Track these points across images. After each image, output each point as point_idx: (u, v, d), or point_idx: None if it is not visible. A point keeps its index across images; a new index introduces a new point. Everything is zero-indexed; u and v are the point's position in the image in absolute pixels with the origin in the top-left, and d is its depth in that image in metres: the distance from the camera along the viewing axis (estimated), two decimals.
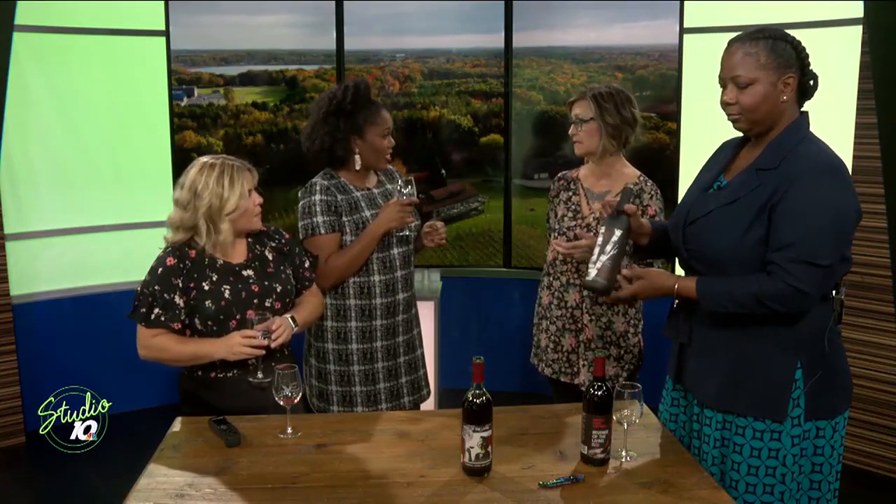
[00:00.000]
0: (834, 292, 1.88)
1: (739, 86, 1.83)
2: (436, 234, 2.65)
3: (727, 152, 2.01)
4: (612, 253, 1.77)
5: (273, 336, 2.13)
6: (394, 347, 2.63)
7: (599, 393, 1.79)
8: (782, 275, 1.75)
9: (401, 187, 2.50)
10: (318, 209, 2.50)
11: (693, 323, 1.95)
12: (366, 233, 2.50)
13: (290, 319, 2.20)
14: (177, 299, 2.14)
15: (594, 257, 1.77)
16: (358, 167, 2.55)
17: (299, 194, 2.57)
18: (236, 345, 2.10)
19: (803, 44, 1.86)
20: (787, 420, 1.83)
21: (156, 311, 2.13)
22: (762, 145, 1.88)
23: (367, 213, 2.55)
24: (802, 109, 1.90)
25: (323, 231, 2.50)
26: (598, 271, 1.77)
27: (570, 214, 2.65)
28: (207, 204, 2.12)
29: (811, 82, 1.86)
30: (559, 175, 2.77)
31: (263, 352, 2.13)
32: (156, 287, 2.13)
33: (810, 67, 1.86)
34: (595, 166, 2.67)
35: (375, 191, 2.62)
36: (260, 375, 2.17)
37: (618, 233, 1.76)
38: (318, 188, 2.53)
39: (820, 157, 1.81)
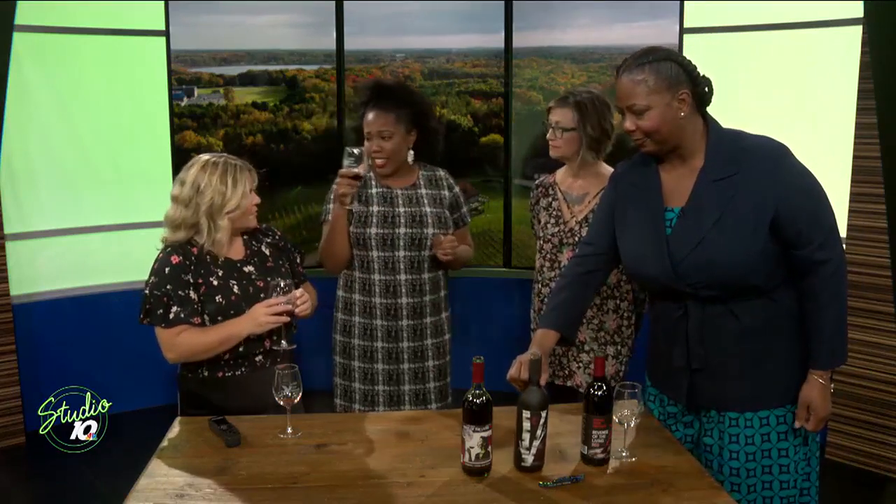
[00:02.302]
0: None
1: (636, 113, 1.86)
2: (438, 248, 2.52)
3: (647, 184, 1.98)
4: (542, 435, 1.77)
5: (298, 302, 2.14)
6: (396, 352, 2.60)
7: (599, 393, 1.79)
8: (827, 258, 1.84)
9: (344, 157, 2.43)
10: (331, 197, 2.56)
11: (708, 346, 1.93)
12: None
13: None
14: (191, 294, 2.14)
15: (526, 443, 1.76)
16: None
17: None
18: (261, 315, 2.11)
19: (688, 57, 1.89)
20: None
21: (174, 309, 2.12)
22: (691, 160, 1.90)
23: (375, 209, 2.55)
24: (708, 112, 1.93)
25: (328, 218, 2.57)
26: (535, 457, 1.78)
27: (553, 221, 2.65)
28: (209, 202, 2.13)
29: (706, 89, 1.89)
30: (537, 182, 2.77)
31: (288, 318, 2.14)
32: (167, 286, 2.12)
33: (701, 77, 1.88)
34: (571, 169, 2.67)
35: (399, 190, 2.59)
36: (284, 344, 2.20)
37: (543, 414, 1.76)
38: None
39: (768, 146, 1.87)
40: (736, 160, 1.85)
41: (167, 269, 2.14)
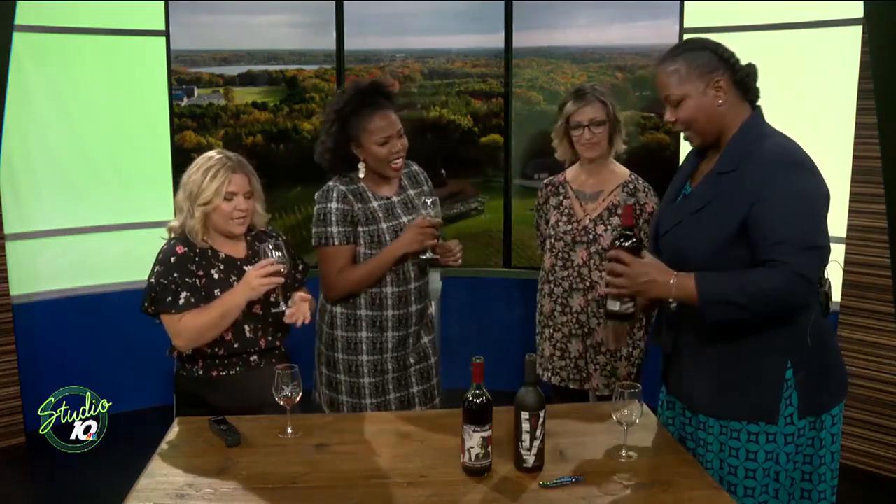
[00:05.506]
0: (818, 285, 1.86)
1: (673, 104, 1.85)
2: (449, 256, 2.46)
3: (691, 160, 2.01)
4: (542, 435, 1.77)
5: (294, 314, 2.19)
6: (404, 358, 2.52)
7: (627, 244, 1.82)
8: (787, 266, 1.71)
9: (423, 207, 2.38)
10: (333, 218, 2.39)
11: (677, 332, 1.93)
12: (383, 253, 2.39)
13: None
14: (197, 283, 2.18)
15: (526, 444, 1.76)
16: (362, 175, 2.43)
17: (316, 196, 2.46)
18: (254, 279, 2.12)
19: (723, 45, 1.86)
20: (780, 420, 1.82)
21: (183, 295, 2.15)
22: (721, 149, 1.88)
23: (384, 225, 2.42)
24: (757, 104, 1.89)
25: (337, 242, 2.39)
26: (536, 457, 1.78)
27: (565, 219, 2.64)
28: (189, 190, 2.21)
29: (747, 76, 1.85)
30: (546, 181, 2.76)
31: (282, 279, 2.14)
32: (175, 274, 2.16)
33: (740, 63, 1.85)
34: (584, 167, 2.66)
35: (395, 199, 2.48)
36: (283, 306, 2.20)
37: (542, 414, 1.76)
38: (335, 194, 2.40)
39: (779, 151, 1.80)
40: (740, 158, 1.81)
41: (173, 259, 2.18)
